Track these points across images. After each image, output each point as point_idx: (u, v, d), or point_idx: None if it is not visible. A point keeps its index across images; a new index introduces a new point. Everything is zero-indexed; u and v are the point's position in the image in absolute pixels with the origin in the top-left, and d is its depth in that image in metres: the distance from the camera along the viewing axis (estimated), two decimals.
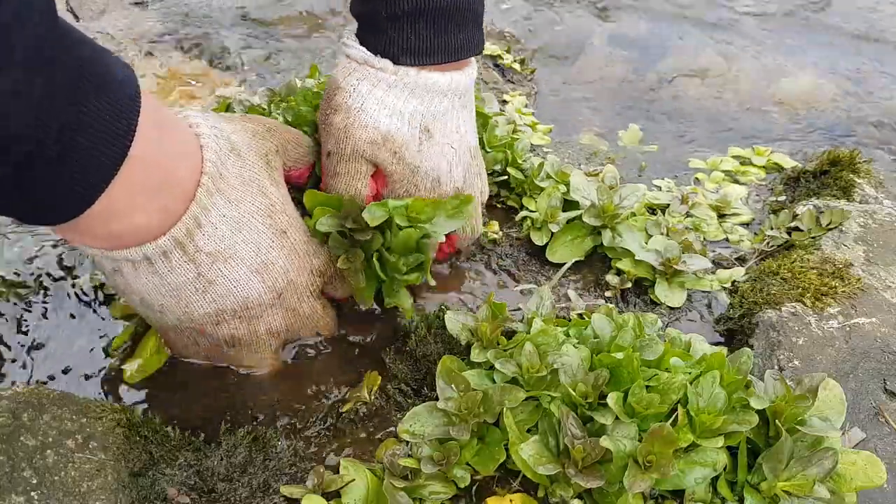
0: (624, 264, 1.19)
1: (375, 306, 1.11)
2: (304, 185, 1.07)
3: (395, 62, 0.99)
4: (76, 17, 1.88)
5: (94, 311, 1.09)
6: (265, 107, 1.24)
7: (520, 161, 1.33)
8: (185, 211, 0.80)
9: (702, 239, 1.28)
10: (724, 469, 0.83)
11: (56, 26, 0.61)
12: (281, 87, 1.28)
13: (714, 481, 0.84)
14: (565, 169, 1.32)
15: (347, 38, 1.03)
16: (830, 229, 1.23)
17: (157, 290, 0.84)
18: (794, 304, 1.07)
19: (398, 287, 1.02)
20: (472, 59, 1.06)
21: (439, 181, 1.05)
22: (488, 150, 1.32)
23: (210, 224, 0.82)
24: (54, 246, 1.18)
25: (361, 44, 1.00)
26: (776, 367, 0.99)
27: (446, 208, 1.03)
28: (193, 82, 1.72)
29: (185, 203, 0.80)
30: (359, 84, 0.99)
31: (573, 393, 0.85)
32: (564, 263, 1.21)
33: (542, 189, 1.29)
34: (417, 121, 1.01)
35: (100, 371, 1.01)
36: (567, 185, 1.28)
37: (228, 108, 1.26)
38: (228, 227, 0.84)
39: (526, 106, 1.66)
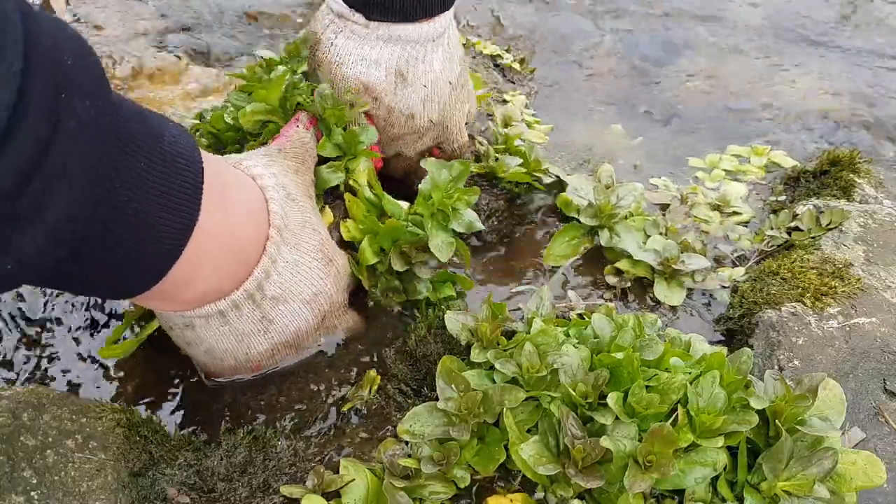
0: (623, 264, 1.19)
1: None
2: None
3: (368, 18, 1.05)
4: (76, 16, 1.88)
5: (92, 310, 1.09)
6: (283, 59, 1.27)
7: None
8: (257, 265, 0.83)
9: (701, 238, 1.28)
10: (724, 469, 0.83)
11: (110, 106, 0.60)
12: (298, 39, 1.32)
13: (714, 481, 0.84)
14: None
15: None
16: (830, 229, 1.23)
17: (225, 338, 0.87)
18: (794, 304, 1.07)
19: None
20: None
21: (413, 117, 1.14)
22: None
23: (276, 272, 0.85)
24: None
25: None
26: (776, 367, 0.99)
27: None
28: (194, 82, 1.72)
29: (255, 259, 0.83)
30: (335, 38, 1.07)
31: (573, 393, 0.85)
32: (563, 263, 1.22)
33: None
34: (392, 67, 1.08)
35: (101, 371, 1.01)
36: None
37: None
38: (290, 270, 0.88)
39: (526, 106, 1.66)
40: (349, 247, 1.07)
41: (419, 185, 1.08)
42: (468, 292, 1.15)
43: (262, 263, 0.83)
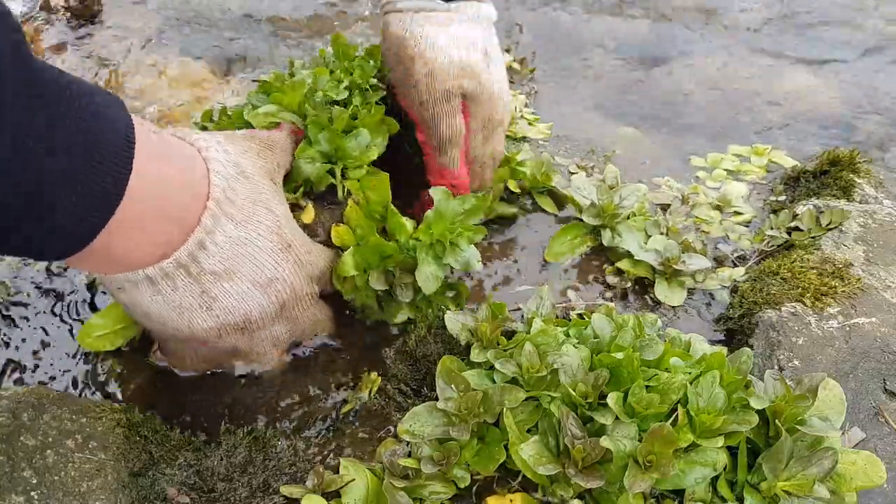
0: (624, 264, 1.19)
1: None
2: None
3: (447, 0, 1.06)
4: (75, 16, 1.88)
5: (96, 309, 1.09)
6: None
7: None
8: (190, 236, 0.80)
9: (702, 238, 1.28)
10: (724, 469, 0.83)
11: (31, 75, 0.60)
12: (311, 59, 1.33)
13: (714, 481, 0.84)
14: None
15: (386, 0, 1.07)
16: (830, 229, 1.23)
17: (159, 307, 0.84)
18: (794, 304, 1.07)
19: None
20: None
21: (503, 99, 1.14)
22: None
23: (215, 245, 0.83)
24: None
25: None
26: (776, 367, 0.99)
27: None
28: (197, 84, 1.72)
29: (189, 229, 0.80)
30: (423, 29, 1.05)
31: (573, 393, 0.85)
32: (563, 262, 1.22)
33: None
34: (480, 46, 1.08)
35: (101, 371, 1.01)
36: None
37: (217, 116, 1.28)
38: (233, 246, 0.85)
39: (526, 105, 1.66)
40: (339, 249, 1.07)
41: (427, 212, 1.04)
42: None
43: (196, 234, 0.80)
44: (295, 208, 1.04)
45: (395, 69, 1.11)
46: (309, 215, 1.07)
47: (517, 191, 1.32)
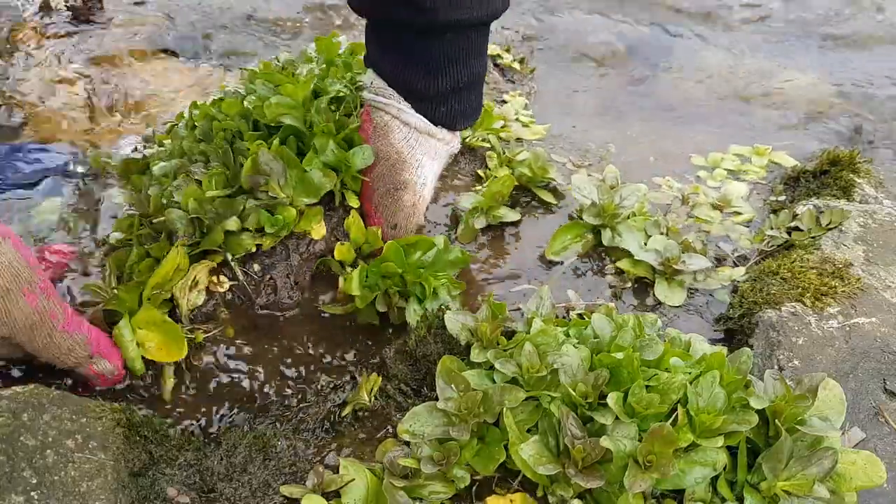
0: (624, 264, 1.19)
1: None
2: None
3: (452, 129, 1.12)
4: (76, 16, 1.88)
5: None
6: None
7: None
8: None
9: (702, 238, 1.28)
10: (724, 469, 0.83)
11: None
12: (297, 57, 1.37)
13: (714, 481, 0.84)
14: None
15: (399, 102, 1.09)
16: (830, 229, 1.23)
17: None
18: (794, 303, 1.07)
19: None
20: None
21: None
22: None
23: None
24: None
25: (416, 111, 1.09)
26: (776, 366, 0.99)
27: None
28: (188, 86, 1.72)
29: None
30: (423, 158, 1.11)
31: (573, 393, 0.85)
32: (563, 261, 1.22)
33: None
34: (436, 174, 1.18)
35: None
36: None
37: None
38: None
39: (525, 107, 1.66)
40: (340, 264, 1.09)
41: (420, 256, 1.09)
42: (468, 293, 1.16)
43: None
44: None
45: (389, 181, 1.12)
46: (320, 232, 1.09)
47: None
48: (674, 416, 0.83)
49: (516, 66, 1.84)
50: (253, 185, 1.03)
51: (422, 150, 1.11)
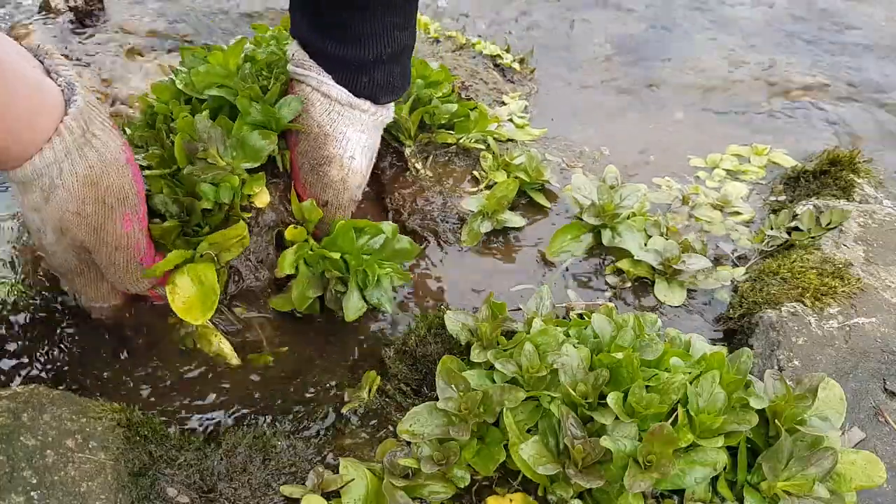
0: (624, 264, 1.20)
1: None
2: None
3: (375, 102, 1.08)
4: (77, 16, 1.88)
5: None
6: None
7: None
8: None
9: (702, 238, 1.28)
10: (724, 469, 0.83)
11: None
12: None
13: (714, 481, 0.84)
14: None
15: (319, 73, 1.06)
16: (830, 229, 1.22)
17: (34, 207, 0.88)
18: (794, 303, 1.07)
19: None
20: None
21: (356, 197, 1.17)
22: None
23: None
24: None
25: (337, 83, 1.05)
26: (776, 366, 0.99)
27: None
28: None
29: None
30: (347, 131, 1.07)
31: (573, 393, 0.85)
32: (563, 262, 1.22)
33: None
34: (373, 155, 1.14)
35: (101, 369, 1.01)
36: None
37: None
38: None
39: (525, 109, 1.65)
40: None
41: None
42: (467, 294, 1.15)
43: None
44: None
45: (314, 157, 1.09)
46: (263, 200, 1.06)
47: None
48: (674, 416, 0.83)
49: (516, 66, 1.84)
50: (190, 152, 0.99)
51: (345, 122, 1.07)
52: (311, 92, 1.07)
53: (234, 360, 1.03)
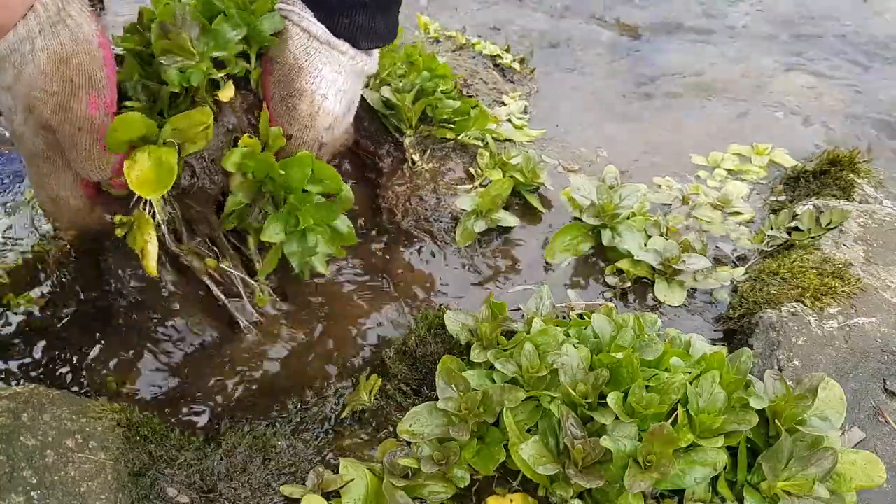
0: (624, 264, 1.19)
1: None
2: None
3: (355, 45, 1.06)
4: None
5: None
6: None
7: None
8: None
9: (702, 238, 1.28)
10: (724, 469, 0.83)
11: None
12: None
13: (714, 481, 0.84)
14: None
15: (301, 9, 1.05)
16: (830, 229, 1.22)
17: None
18: (793, 303, 1.07)
19: None
20: None
21: (329, 146, 1.15)
22: None
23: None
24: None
25: (318, 20, 1.04)
26: (776, 366, 0.99)
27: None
28: None
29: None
30: (322, 68, 1.05)
31: (573, 393, 0.85)
32: (563, 262, 1.22)
33: None
34: (350, 100, 1.11)
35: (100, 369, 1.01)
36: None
37: None
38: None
39: (525, 109, 1.65)
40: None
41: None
42: (467, 294, 1.16)
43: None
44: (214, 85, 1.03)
45: (284, 89, 1.08)
46: (227, 93, 1.04)
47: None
48: (674, 416, 0.83)
49: (516, 66, 1.84)
50: (162, 31, 0.98)
51: (322, 60, 1.06)
52: (292, 26, 1.06)
53: (152, 268, 0.99)
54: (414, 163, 1.31)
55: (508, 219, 1.27)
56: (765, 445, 0.85)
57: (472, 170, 1.36)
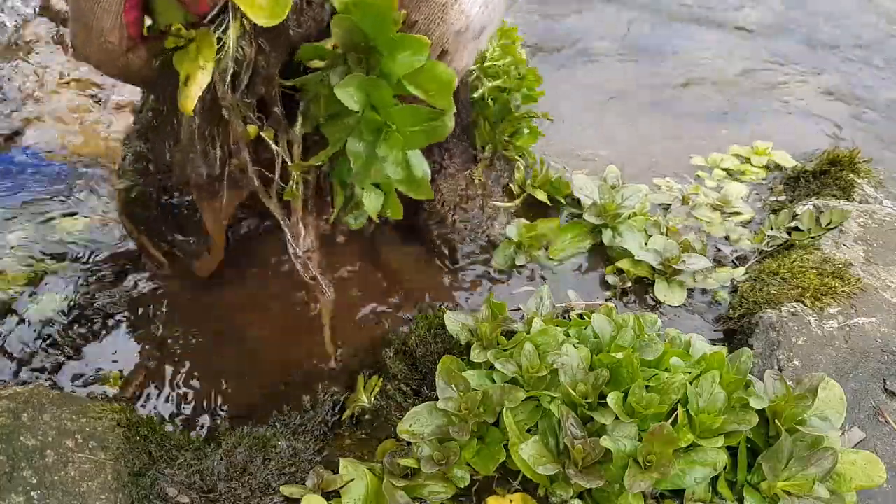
0: (624, 264, 1.19)
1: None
2: None
3: None
4: None
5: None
6: None
7: None
8: None
9: (702, 238, 1.28)
10: (724, 469, 0.83)
11: None
12: None
13: (714, 481, 0.84)
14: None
15: None
16: (830, 229, 1.22)
17: None
18: (793, 303, 1.07)
19: None
20: None
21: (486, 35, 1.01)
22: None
23: None
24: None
25: None
26: (776, 366, 0.99)
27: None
28: None
29: None
30: None
31: (573, 393, 0.85)
32: (563, 261, 1.22)
33: None
34: (487, 19, 0.96)
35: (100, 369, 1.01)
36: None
37: None
38: None
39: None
40: None
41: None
42: (468, 294, 1.15)
43: None
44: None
45: None
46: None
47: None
48: (674, 416, 0.83)
49: None
50: None
51: None
52: None
53: (191, 102, 0.83)
54: (473, 177, 1.27)
55: (545, 260, 1.24)
56: (765, 445, 0.85)
57: (512, 186, 1.33)
